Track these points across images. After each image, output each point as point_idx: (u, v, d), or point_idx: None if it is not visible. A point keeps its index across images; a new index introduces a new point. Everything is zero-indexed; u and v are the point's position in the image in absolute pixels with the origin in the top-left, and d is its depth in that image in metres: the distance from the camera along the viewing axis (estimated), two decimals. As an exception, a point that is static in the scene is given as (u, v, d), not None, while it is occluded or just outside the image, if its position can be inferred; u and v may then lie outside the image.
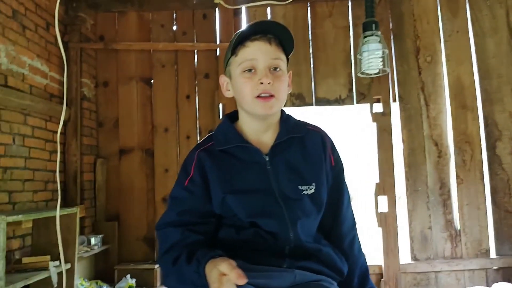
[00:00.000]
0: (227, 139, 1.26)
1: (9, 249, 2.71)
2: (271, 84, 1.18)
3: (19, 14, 2.97)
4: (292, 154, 1.26)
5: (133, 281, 3.37)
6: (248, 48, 1.19)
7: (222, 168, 1.23)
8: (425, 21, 3.69)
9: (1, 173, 2.72)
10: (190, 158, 1.27)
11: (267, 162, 1.23)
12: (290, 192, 1.22)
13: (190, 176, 1.23)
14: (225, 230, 1.23)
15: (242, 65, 1.20)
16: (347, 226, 1.32)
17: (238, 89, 1.23)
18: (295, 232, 1.20)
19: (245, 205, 1.20)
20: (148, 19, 3.90)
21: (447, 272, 3.45)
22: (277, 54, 1.20)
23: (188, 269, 1.08)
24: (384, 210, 3.46)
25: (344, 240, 1.31)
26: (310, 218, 1.23)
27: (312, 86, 3.71)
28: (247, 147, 1.25)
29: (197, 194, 1.22)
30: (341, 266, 1.27)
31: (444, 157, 3.58)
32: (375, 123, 3.56)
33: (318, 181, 1.25)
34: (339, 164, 1.33)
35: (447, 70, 3.64)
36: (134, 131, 3.85)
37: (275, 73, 1.20)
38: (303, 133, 1.30)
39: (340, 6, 3.76)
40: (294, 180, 1.23)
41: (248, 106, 1.22)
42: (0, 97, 2.67)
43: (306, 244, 1.21)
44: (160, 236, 1.23)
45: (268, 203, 1.20)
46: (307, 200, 1.22)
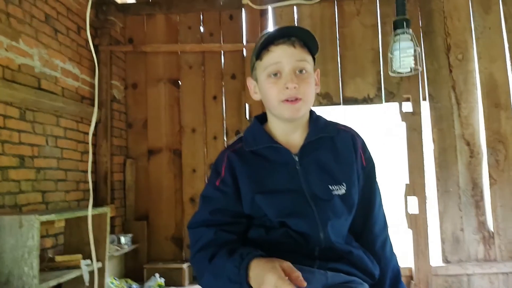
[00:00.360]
0: (257, 140, 1.26)
1: (42, 248, 2.79)
2: (297, 87, 1.17)
3: (51, 18, 3.05)
4: (322, 154, 1.25)
5: (162, 280, 3.41)
6: (272, 52, 1.19)
7: (252, 168, 1.23)
8: (455, 18, 3.61)
9: (35, 173, 2.80)
10: (220, 159, 1.27)
11: (296, 162, 1.23)
12: (320, 192, 1.21)
13: (221, 177, 1.24)
14: (254, 231, 1.23)
15: (267, 69, 1.20)
16: (379, 227, 1.30)
17: (265, 93, 1.23)
18: (325, 233, 1.19)
19: (275, 205, 1.19)
20: (176, 21, 3.94)
21: (480, 275, 3.36)
22: (302, 56, 1.20)
23: (228, 263, 1.07)
24: (414, 211, 3.40)
25: (376, 242, 1.29)
26: (341, 219, 1.22)
27: (340, 85, 3.68)
28: (277, 147, 1.24)
29: (229, 194, 1.22)
30: (373, 269, 1.25)
31: (477, 157, 3.49)
32: (405, 123, 3.50)
33: (349, 181, 1.24)
34: (370, 163, 1.31)
35: (479, 67, 3.55)
36: (162, 132, 3.89)
37: (301, 76, 1.19)
38: (333, 133, 1.28)
39: (368, 4, 3.71)
40: (324, 180, 1.22)
41: (275, 110, 1.22)
42: (34, 100, 2.74)
43: (336, 246, 1.20)
44: (193, 235, 1.23)
45: (298, 203, 1.19)
46: (337, 201, 1.21)
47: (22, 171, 2.68)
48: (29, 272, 2.10)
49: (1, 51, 2.55)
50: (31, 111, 2.78)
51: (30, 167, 2.75)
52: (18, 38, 2.70)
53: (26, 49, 2.76)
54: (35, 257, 2.11)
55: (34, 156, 2.79)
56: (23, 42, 2.74)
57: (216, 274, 1.11)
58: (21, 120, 2.69)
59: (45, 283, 2.22)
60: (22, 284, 2.10)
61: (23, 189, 2.68)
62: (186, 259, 3.72)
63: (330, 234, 1.19)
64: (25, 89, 2.68)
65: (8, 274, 2.11)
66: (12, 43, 2.64)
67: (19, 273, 2.11)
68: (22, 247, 2.12)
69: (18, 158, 2.65)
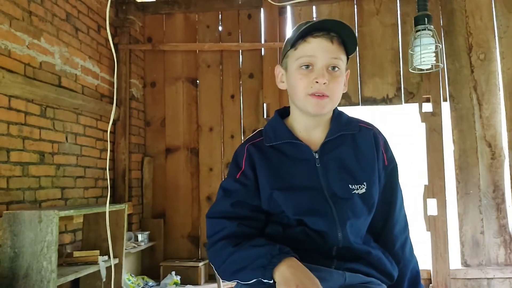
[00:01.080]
0: (277, 135, 1.24)
1: (61, 243, 2.82)
2: (327, 84, 1.15)
3: (72, 17, 3.09)
4: (343, 152, 1.23)
5: (178, 278, 3.42)
6: (309, 44, 1.16)
7: (271, 163, 1.21)
8: (477, 17, 3.54)
9: (55, 169, 2.83)
10: (240, 152, 1.26)
11: (316, 159, 1.21)
12: (340, 191, 1.19)
13: (242, 170, 1.22)
14: (271, 227, 1.21)
15: (300, 60, 1.17)
16: (400, 228, 1.28)
17: (292, 83, 1.21)
18: (343, 232, 1.17)
19: (293, 202, 1.18)
20: (194, 20, 3.96)
21: (501, 280, 3.29)
22: (338, 54, 1.17)
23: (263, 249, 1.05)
24: (433, 213, 3.35)
25: (396, 242, 1.27)
26: (360, 218, 1.20)
27: (359, 85, 3.65)
28: (297, 143, 1.23)
29: (249, 187, 1.20)
30: (391, 270, 1.23)
31: (498, 159, 3.42)
32: (424, 123, 3.45)
33: (369, 181, 1.22)
34: (392, 163, 1.28)
35: (502, 68, 3.47)
36: (180, 130, 3.91)
37: (333, 73, 1.17)
38: (355, 130, 1.26)
39: (388, 3, 3.67)
40: (344, 178, 1.20)
41: (300, 103, 1.20)
42: (54, 97, 2.78)
43: (355, 245, 1.18)
44: (214, 225, 1.18)
45: (316, 201, 1.18)
46: (357, 200, 1.19)
47: (42, 167, 2.72)
48: (47, 267, 2.13)
49: (23, 48, 2.59)
50: (51, 108, 2.82)
51: (50, 163, 2.79)
52: (39, 36, 2.74)
53: (47, 47, 2.80)
54: (53, 252, 2.14)
55: (54, 153, 2.83)
56: (44, 40, 2.78)
57: (242, 258, 1.08)
58: (41, 117, 2.73)
59: (63, 278, 2.25)
60: (41, 278, 2.12)
61: (43, 185, 2.72)
62: (203, 257, 3.72)
63: (349, 233, 1.17)
64: (46, 87, 2.72)
65: (27, 268, 2.14)
66: (33, 41, 2.68)
67: (38, 267, 2.14)
68: (41, 242, 2.15)
69: (39, 155, 2.69)
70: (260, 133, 1.29)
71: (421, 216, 3.40)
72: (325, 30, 1.16)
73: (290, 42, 1.20)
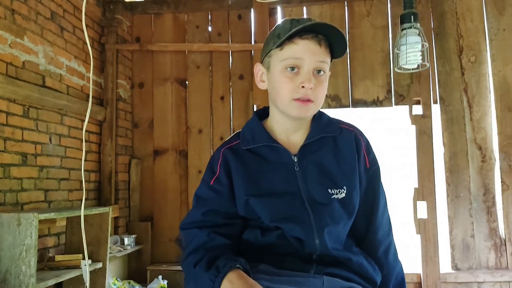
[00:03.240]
0: (255, 138, 1.20)
1: (44, 247, 2.76)
2: (313, 89, 1.11)
3: (57, 16, 3.03)
4: (323, 155, 1.19)
5: (165, 282, 3.36)
6: (296, 45, 1.11)
7: (248, 168, 1.17)
8: (468, 19, 3.52)
9: (38, 171, 2.77)
10: (216, 156, 1.22)
11: (295, 163, 1.17)
12: (318, 196, 1.15)
13: (216, 176, 1.18)
14: (250, 232, 1.18)
15: (286, 61, 1.12)
16: (383, 232, 1.24)
17: (276, 86, 1.16)
18: (321, 239, 1.13)
19: (269, 208, 1.13)
20: (184, 21, 3.91)
21: (491, 283, 3.27)
22: (325, 57, 1.13)
23: (205, 276, 1.02)
24: (423, 216, 3.32)
25: (379, 247, 1.23)
26: (339, 224, 1.15)
27: (349, 87, 3.62)
28: (275, 146, 1.19)
29: (223, 194, 1.17)
30: (374, 276, 1.19)
31: (489, 162, 3.39)
32: (415, 126, 3.42)
33: (349, 185, 1.18)
34: (374, 165, 1.25)
35: (493, 70, 3.46)
36: (168, 132, 3.86)
37: (319, 77, 1.13)
38: (336, 133, 1.22)
39: (379, 5, 3.64)
40: (323, 183, 1.16)
41: (283, 107, 1.16)
42: (38, 97, 2.72)
43: (333, 252, 1.14)
44: (186, 237, 1.18)
45: (294, 207, 1.14)
46: (336, 205, 1.15)
47: (24, 169, 2.66)
48: (26, 271, 2.07)
49: (5, 47, 2.53)
50: (34, 108, 2.76)
51: (32, 165, 2.73)
52: (23, 35, 2.68)
53: (31, 46, 2.74)
54: (33, 256, 2.08)
55: (37, 154, 2.77)
56: (28, 39, 2.72)
57: (197, 282, 1.06)
58: (24, 118, 2.67)
59: (43, 283, 2.19)
60: (19, 283, 2.06)
61: (25, 187, 2.65)
62: (190, 261, 3.66)
63: (327, 240, 1.13)
64: (29, 86, 2.66)
65: (5, 272, 2.08)
66: (16, 40, 2.62)
67: (16, 271, 2.07)
68: (20, 245, 2.08)
69: (21, 156, 2.63)
70: (238, 135, 1.25)
71: (411, 219, 3.37)
72: (314, 32, 1.11)
73: (274, 40, 1.14)
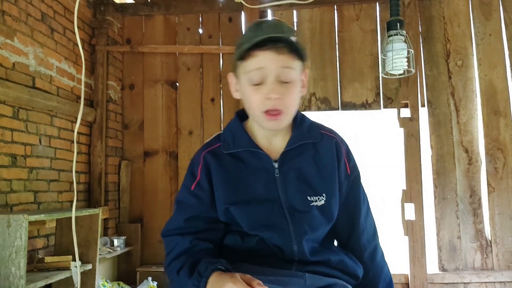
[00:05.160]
0: (235, 142, 1.19)
1: (33, 248, 2.75)
2: (280, 99, 1.09)
3: (48, 17, 3.03)
4: (303, 162, 1.18)
5: (155, 284, 3.37)
6: (256, 57, 1.09)
7: (228, 174, 1.16)
8: (456, 24, 3.58)
9: (27, 173, 2.77)
10: (196, 160, 1.21)
11: (276, 169, 1.16)
12: (298, 203, 1.15)
13: (197, 180, 1.17)
14: (231, 237, 1.19)
15: (250, 74, 1.10)
16: (367, 237, 1.26)
17: (245, 97, 1.15)
18: (299, 247, 1.14)
19: (248, 216, 1.14)
20: (174, 23, 3.92)
21: (477, 284, 3.32)
22: (288, 63, 1.09)
23: (189, 282, 1.03)
24: (411, 217, 3.36)
25: (364, 252, 1.25)
26: (318, 232, 1.17)
27: (338, 90, 3.65)
28: (256, 152, 1.17)
29: (204, 200, 1.16)
30: (355, 269, 1.21)
31: (475, 165, 3.45)
32: (403, 129, 3.47)
33: (329, 192, 1.18)
34: (355, 172, 1.25)
35: (479, 74, 3.52)
36: (158, 133, 3.86)
37: (285, 86, 1.09)
38: (316, 139, 1.21)
39: (368, 9, 3.68)
40: (303, 190, 1.16)
41: (256, 119, 1.16)
42: (28, 98, 2.72)
43: (312, 259, 1.16)
44: (168, 243, 1.17)
45: (273, 215, 1.14)
46: (315, 213, 1.16)
47: (14, 170, 2.65)
48: (16, 273, 2.07)
49: (-5, 48, 2.53)
50: (24, 109, 2.75)
51: (22, 166, 2.72)
52: (13, 36, 2.68)
53: (21, 47, 2.74)
54: (22, 257, 2.08)
55: (26, 156, 2.76)
56: (18, 40, 2.72)
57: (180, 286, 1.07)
58: (14, 119, 2.67)
59: (32, 284, 2.19)
60: (9, 285, 2.06)
61: (14, 189, 2.64)
62: (180, 262, 3.67)
63: (305, 248, 1.15)
64: (19, 88, 2.66)
65: (-5, 274, 2.08)
66: (6, 41, 2.62)
67: (5, 273, 2.07)
68: (9, 247, 2.08)
69: (10, 157, 2.62)
70: (219, 137, 1.23)
71: (398, 220, 3.41)
72: (272, 41, 1.08)
73: (237, 52, 1.13)
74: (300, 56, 1.12)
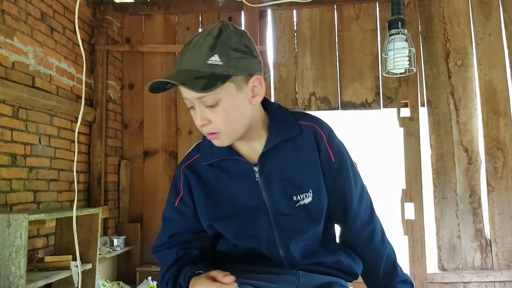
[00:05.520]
0: (213, 152, 1.14)
1: (33, 248, 2.75)
2: (208, 124, 1.04)
3: (47, 17, 3.02)
4: (284, 160, 1.12)
5: (154, 284, 3.37)
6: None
7: (207, 188, 1.14)
8: (455, 24, 3.58)
9: (27, 172, 2.76)
10: (177, 175, 1.19)
11: (256, 173, 1.11)
12: (283, 206, 1.12)
13: (180, 196, 1.17)
14: (223, 243, 1.21)
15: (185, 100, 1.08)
16: (362, 222, 1.21)
17: None
18: (287, 253, 1.14)
19: (231, 230, 1.14)
20: (174, 22, 3.92)
21: (477, 284, 3.32)
22: (201, 94, 1.01)
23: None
24: (410, 217, 3.36)
25: (360, 237, 1.22)
26: (307, 233, 1.14)
27: (338, 89, 3.65)
28: (234, 159, 1.13)
29: (188, 215, 1.17)
30: (352, 268, 1.19)
31: (475, 164, 3.45)
32: (402, 128, 3.47)
33: (315, 187, 1.13)
34: (340, 157, 1.17)
35: (479, 74, 3.52)
36: (158, 133, 3.86)
37: (213, 109, 1.03)
38: (294, 133, 1.13)
39: (368, 8, 3.68)
40: (287, 191, 1.12)
41: None
42: (27, 98, 2.71)
43: (302, 263, 1.15)
44: (158, 260, 1.22)
45: (257, 224, 1.12)
46: (302, 214, 1.12)
47: (13, 170, 2.65)
48: (16, 272, 2.06)
49: (-5, 47, 2.52)
50: (24, 109, 2.75)
51: (22, 166, 2.72)
52: (12, 36, 2.67)
53: (20, 46, 2.74)
54: (22, 257, 2.07)
55: (26, 155, 2.76)
56: (17, 39, 2.71)
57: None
58: (13, 118, 2.66)
59: (32, 284, 2.19)
60: (9, 284, 2.06)
61: (14, 188, 2.64)
62: (180, 262, 3.67)
63: (293, 252, 1.14)
64: (19, 87, 2.65)
65: (-5, 273, 2.07)
66: (6, 40, 2.61)
67: (5, 272, 2.07)
68: (9, 246, 2.08)
69: (10, 157, 2.62)
70: (198, 148, 1.20)
71: (398, 220, 3.41)
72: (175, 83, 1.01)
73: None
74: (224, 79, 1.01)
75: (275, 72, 3.73)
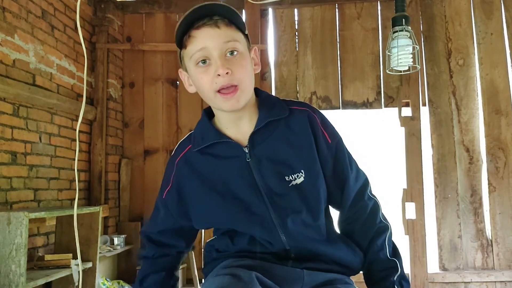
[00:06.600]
0: (204, 137, 1.14)
1: (33, 246, 2.74)
2: (231, 73, 1.03)
3: (48, 14, 3.01)
4: (275, 141, 1.12)
5: (155, 282, 3.35)
6: (194, 38, 1.04)
7: (201, 177, 1.14)
8: (457, 23, 3.57)
9: (27, 170, 2.75)
10: (170, 167, 1.20)
11: (246, 154, 1.11)
12: (275, 186, 1.10)
13: (169, 188, 1.19)
14: (220, 241, 1.19)
15: (193, 57, 1.06)
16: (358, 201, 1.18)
17: (197, 85, 1.10)
18: (286, 234, 1.11)
19: (228, 212, 1.12)
20: (175, 21, 3.90)
21: (478, 283, 3.32)
22: (230, 35, 1.05)
23: None
24: (411, 217, 3.36)
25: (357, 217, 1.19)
26: (301, 213, 1.11)
27: (339, 89, 3.64)
28: (224, 142, 1.13)
29: (172, 210, 1.20)
30: (353, 262, 1.17)
31: (476, 164, 3.45)
32: (404, 128, 3.46)
33: (308, 167, 1.12)
34: (335, 138, 1.17)
35: (480, 73, 3.51)
36: (159, 132, 3.85)
37: (233, 59, 1.05)
38: (284, 114, 1.13)
39: (369, 7, 3.68)
40: (279, 170, 1.11)
41: (212, 102, 1.10)
42: (28, 96, 2.71)
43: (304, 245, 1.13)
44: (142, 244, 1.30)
45: (252, 205, 1.11)
46: (295, 193, 1.11)
47: (13, 168, 2.64)
48: (16, 270, 2.06)
49: (-5, 45, 2.51)
50: (24, 107, 2.74)
51: (22, 164, 2.71)
52: (13, 33, 2.66)
53: (21, 44, 2.73)
54: (23, 255, 2.07)
55: (26, 153, 2.75)
56: (18, 37, 2.70)
57: None
58: (14, 116, 2.65)
59: (32, 282, 2.18)
60: (9, 282, 2.05)
61: (14, 186, 2.63)
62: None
63: (292, 232, 1.11)
64: (19, 85, 2.64)
65: (-5, 272, 2.07)
66: (7, 38, 2.60)
67: (6, 271, 2.06)
68: (9, 245, 2.07)
69: (10, 155, 2.61)
70: (189, 138, 1.20)
71: (399, 220, 3.40)
72: (206, 16, 1.04)
73: (176, 43, 1.10)
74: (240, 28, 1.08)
75: (276, 71, 3.72)
